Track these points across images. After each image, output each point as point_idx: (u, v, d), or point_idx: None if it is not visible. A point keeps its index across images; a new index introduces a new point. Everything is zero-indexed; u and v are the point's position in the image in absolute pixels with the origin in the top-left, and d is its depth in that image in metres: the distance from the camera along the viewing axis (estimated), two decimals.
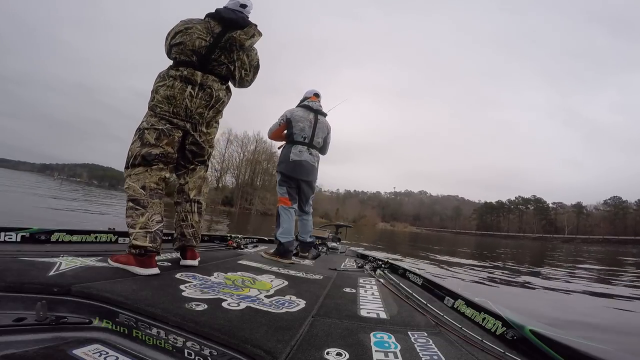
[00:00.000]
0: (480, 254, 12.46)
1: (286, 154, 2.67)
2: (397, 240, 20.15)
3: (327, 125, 2.82)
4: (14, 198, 9.21)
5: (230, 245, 2.81)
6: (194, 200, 1.71)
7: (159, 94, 1.52)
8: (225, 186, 49.35)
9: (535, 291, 4.62)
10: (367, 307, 1.31)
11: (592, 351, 0.79)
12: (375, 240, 16.71)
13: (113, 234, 2.12)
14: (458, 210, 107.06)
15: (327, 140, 2.84)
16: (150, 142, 1.49)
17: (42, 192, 13.31)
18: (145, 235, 1.37)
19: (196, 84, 1.54)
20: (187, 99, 1.52)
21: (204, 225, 1.83)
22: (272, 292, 1.35)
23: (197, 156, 1.69)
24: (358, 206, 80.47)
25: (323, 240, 4.05)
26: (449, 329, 1.12)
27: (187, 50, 1.53)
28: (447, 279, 4.88)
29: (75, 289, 0.99)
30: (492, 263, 8.47)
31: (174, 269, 1.53)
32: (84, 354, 0.77)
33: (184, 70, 1.53)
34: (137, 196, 1.43)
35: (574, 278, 6.41)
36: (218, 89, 1.61)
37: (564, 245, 46.29)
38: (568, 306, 3.73)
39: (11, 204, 7.44)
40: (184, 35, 1.54)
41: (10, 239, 1.68)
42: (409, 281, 2.05)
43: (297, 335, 0.89)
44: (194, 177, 1.72)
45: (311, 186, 2.79)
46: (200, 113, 1.57)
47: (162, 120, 1.51)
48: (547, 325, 1.00)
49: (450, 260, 8.38)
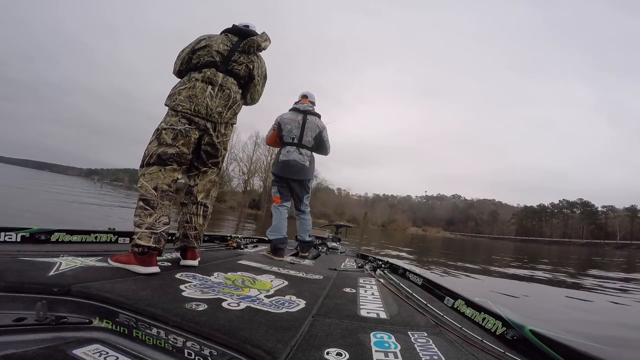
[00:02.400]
0: (531, 260, 11.49)
1: (277, 155, 2.82)
2: (429, 245, 18.14)
3: (318, 124, 2.82)
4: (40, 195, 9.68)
5: (230, 245, 2.81)
6: (200, 203, 1.72)
7: (181, 95, 1.59)
8: (253, 189, 49.11)
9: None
10: (367, 307, 1.31)
11: (592, 351, 0.79)
12: (406, 244, 15.67)
13: (113, 234, 2.12)
14: (495, 215, 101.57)
15: (321, 138, 2.83)
16: (167, 142, 1.52)
17: (68, 192, 13.80)
18: (150, 236, 1.39)
19: (217, 84, 1.64)
20: (207, 98, 1.60)
21: (206, 226, 1.83)
22: (272, 292, 1.35)
23: (211, 157, 1.71)
24: (387, 210, 77.35)
25: (323, 240, 4.05)
26: (449, 329, 1.12)
27: (212, 51, 1.67)
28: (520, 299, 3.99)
29: (75, 289, 0.99)
30: (557, 273, 7.49)
31: (174, 268, 1.53)
32: (84, 354, 0.77)
33: (207, 71, 1.64)
34: (149, 196, 1.45)
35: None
36: (236, 91, 1.72)
37: (617, 251, 41.93)
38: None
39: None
40: (209, 41, 1.70)
41: (10, 239, 1.68)
42: (409, 281, 2.05)
43: (297, 335, 0.89)
44: (204, 179, 1.74)
45: (303, 185, 2.80)
46: (219, 112, 1.64)
47: (183, 119, 1.56)
48: (547, 325, 1.00)
49: (508, 271, 7.29)
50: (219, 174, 1.83)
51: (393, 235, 31.59)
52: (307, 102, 2.90)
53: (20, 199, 8.10)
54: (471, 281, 5.27)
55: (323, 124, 2.88)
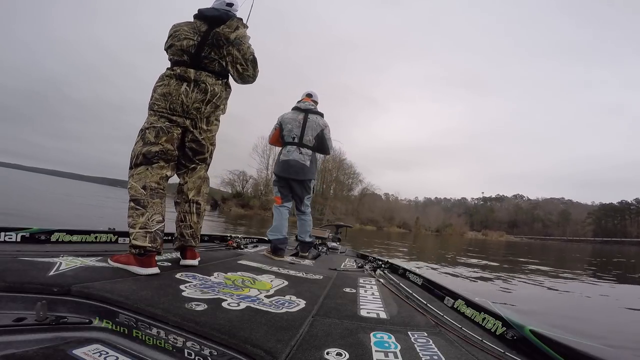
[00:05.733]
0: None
1: (278, 155, 2.80)
2: (492, 251, 15.20)
3: (319, 122, 2.77)
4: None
5: (230, 245, 2.81)
6: (192, 200, 1.71)
7: (157, 93, 1.56)
8: None
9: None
10: (367, 307, 1.31)
11: (592, 351, 0.79)
12: (465, 250, 13.71)
13: (113, 234, 2.12)
14: (565, 215, 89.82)
15: (322, 137, 2.77)
16: (150, 140, 1.51)
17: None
18: (145, 236, 1.38)
19: (190, 80, 1.57)
20: (182, 94, 1.55)
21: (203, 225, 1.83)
22: (272, 292, 1.35)
23: (198, 154, 1.69)
24: (441, 214, 72.96)
25: (323, 240, 4.05)
26: (449, 329, 1.12)
27: (177, 50, 1.60)
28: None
29: (75, 289, 0.99)
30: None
31: (174, 268, 1.53)
32: (84, 354, 0.77)
33: (178, 69, 1.58)
34: (138, 196, 1.44)
35: None
36: (213, 83, 1.62)
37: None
38: None
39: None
40: (174, 38, 1.61)
41: (10, 239, 1.68)
42: (409, 281, 2.05)
43: (297, 335, 0.89)
44: (193, 177, 1.72)
45: (303, 185, 2.75)
46: (197, 108, 1.59)
47: (161, 118, 1.54)
48: (547, 325, 1.00)
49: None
50: (207, 170, 1.80)
51: (449, 241, 27.84)
52: (309, 101, 2.86)
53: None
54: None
55: (325, 122, 2.82)
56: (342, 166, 47.66)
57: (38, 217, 5.57)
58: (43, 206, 8.71)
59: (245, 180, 43.03)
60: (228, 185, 43.05)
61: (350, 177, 50.95)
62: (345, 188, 51.08)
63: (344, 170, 49.49)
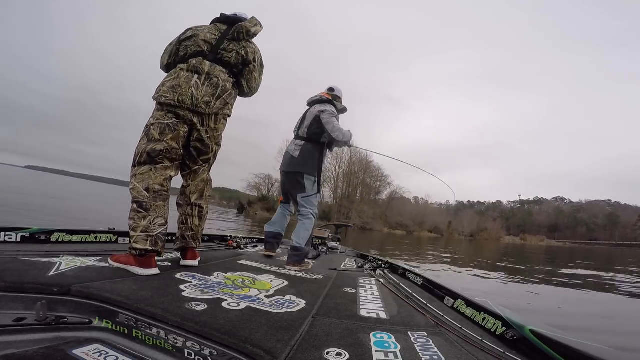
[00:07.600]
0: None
1: None
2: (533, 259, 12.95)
3: (316, 109, 2.46)
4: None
5: (230, 245, 2.81)
6: (194, 204, 1.71)
7: (165, 86, 1.53)
8: (321, 201, 46.35)
9: None
10: (367, 307, 1.31)
11: (592, 351, 0.79)
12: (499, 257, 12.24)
13: (113, 234, 2.12)
14: (613, 218, 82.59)
15: (320, 122, 2.40)
16: (155, 138, 1.48)
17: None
18: (146, 239, 1.37)
19: (203, 72, 1.57)
20: (192, 87, 1.52)
21: None
22: (272, 292, 1.35)
23: (202, 154, 1.66)
24: (475, 218, 68.07)
25: (323, 240, 4.05)
26: (449, 329, 1.12)
27: (199, 40, 1.62)
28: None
29: (75, 289, 0.99)
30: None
31: (174, 269, 1.53)
32: (84, 354, 0.77)
33: (193, 61, 1.58)
34: (141, 199, 1.42)
35: None
36: (225, 79, 1.62)
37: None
38: None
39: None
40: (196, 30, 1.65)
41: (10, 239, 1.68)
42: (409, 281, 2.05)
43: (297, 335, 0.89)
44: (196, 179, 1.70)
45: (294, 180, 2.38)
46: (206, 102, 1.55)
47: (169, 113, 1.50)
48: (547, 325, 1.00)
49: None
50: (209, 171, 1.77)
51: (484, 246, 25.71)
52: (323, 94, 2.62)
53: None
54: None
55: (323, 107, 2.46)
56: (369, 168, 45.83)
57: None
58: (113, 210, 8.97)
59: (271, 184, 41.82)
60: (254, 189, 42.49)
61: (378, 179, 48.68)
62: (373, 191, 49.15)
63: (370, 173, 47.24)
